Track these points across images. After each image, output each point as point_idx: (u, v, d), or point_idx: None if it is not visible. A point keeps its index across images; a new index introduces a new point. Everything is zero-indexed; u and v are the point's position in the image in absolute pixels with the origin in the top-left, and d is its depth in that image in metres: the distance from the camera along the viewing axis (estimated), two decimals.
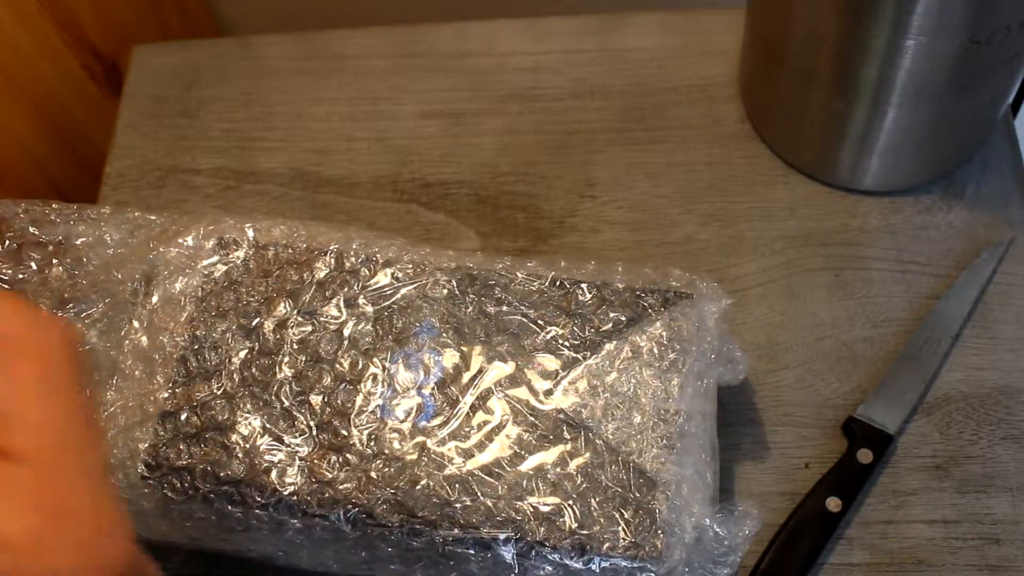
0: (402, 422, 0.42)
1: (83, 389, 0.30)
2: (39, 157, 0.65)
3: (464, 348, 0.44)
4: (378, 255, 0.46)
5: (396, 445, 0.42)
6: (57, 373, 0.30)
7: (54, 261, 0.46)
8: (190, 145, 0.62)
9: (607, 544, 0.40)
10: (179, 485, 0.42)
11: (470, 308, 0.45)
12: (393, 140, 0.61)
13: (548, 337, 0.44)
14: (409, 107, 0.62)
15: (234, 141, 0.62)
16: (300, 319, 0.45)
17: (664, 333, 0.44)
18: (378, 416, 0.42)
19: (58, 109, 0.67)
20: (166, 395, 0.43)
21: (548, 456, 0.41)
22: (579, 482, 0.41)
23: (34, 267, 0.46)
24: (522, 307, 0.45)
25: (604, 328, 0.44)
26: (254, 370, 0.44)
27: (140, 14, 0.74)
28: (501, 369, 0.43)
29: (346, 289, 0.45)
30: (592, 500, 0.40)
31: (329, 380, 0.43)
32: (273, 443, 0.42)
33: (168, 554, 0.47)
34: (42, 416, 0.29)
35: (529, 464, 0.41)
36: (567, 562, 0.40)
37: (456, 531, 0.40)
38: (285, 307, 0.45)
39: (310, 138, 0.62)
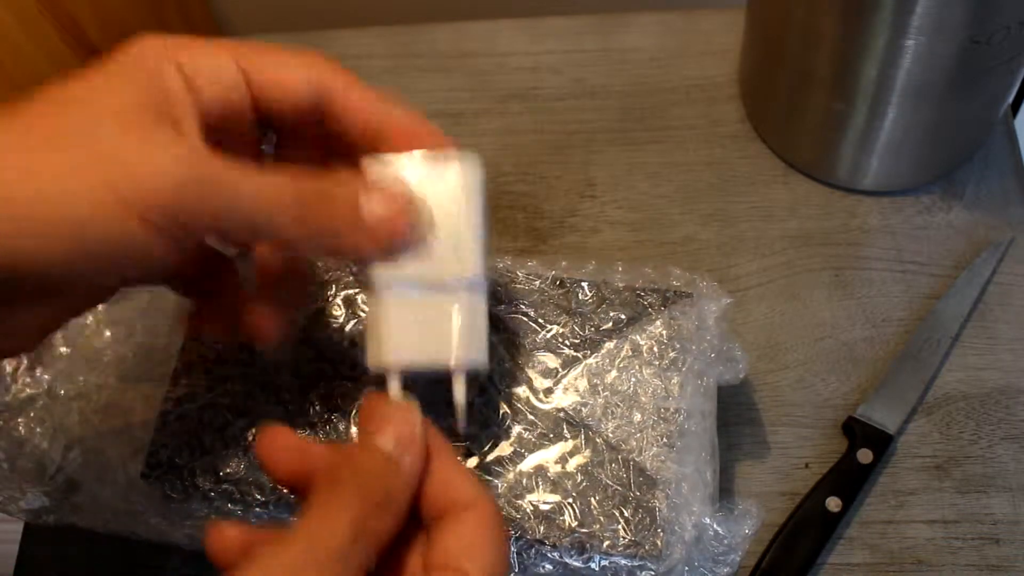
0: None
1: None
2: None
3: None
4: None
5: None
6: None
7: None
8: None
9: (607, 542, 0.40)
10: (179, 484, 0.42)
11: None
12: None
13: (548, 336, 0.44)
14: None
15: None
16: (301, 319, 0.45)
17: (664, 332, 0.44)
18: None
19: None
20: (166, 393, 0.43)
21: (548, 454, 0.41)
22: (579, 480, 0.41)
23: None
24: (522, 305, 0.45)
25: (604, 327, 0.44)
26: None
27: (140, 14, 0.74)
28: (501, 367, 0.43)
29: (347, 289, 0.45)
30: (592, 498, 0.40)
31: (330, 378, 0.43)
32: None
33: (168, 554, 0.47)
34: None
35: (529, 462, 0.41)
36: (567, 560, 0.40)
37: None
38: None
39: None
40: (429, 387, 0.36)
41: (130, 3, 0.73)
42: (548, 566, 0.40)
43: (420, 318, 0.35)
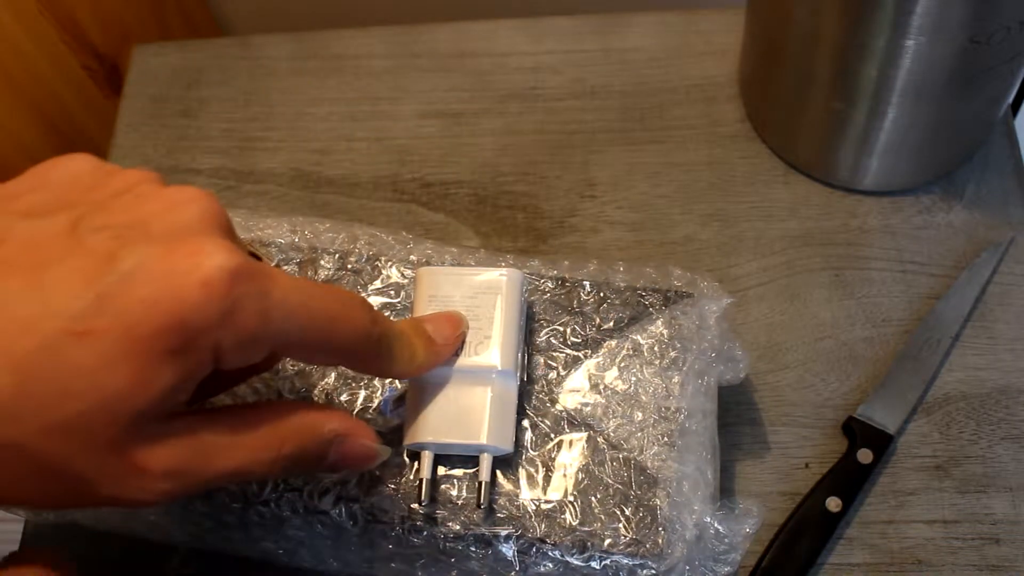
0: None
1: None
2: (39, 157, 0.64)
3: None
4: (381, 253, 0.46)
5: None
6: None
7: None
8: (190, 145, 0.62)
9: (608, 541, 0.40)
10: None
11: None
12: (393, 140, 0.61)
13: (549, 335, 0.44)
14: (409, 107, 0.62)
15: (234, 141, 0.62)
16: None
17: (665, 331, 0.44)
18: (381, 413, 0.42)
19: (58, 109, 0.67)
20: None
21: (549, 453, 0.41)
22: (580, 479, 0.41)
23: None
24: None
25: (605, 326, 0.44)
26: None
27: (140, 14, 0.74)
28: None
29: (349, 289, 0.45)
30: (593, 497, 0.40)
31: (332, 378, 0.43)
32: None
33: (168, 554, 0.47)
34: None
35: (529, 461, 0.41)
36: (568, 559, 0.40)
37: (457, 528, 0.40)
38: None
39: (310, 138, 0.62)
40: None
41: (130, 3, 0.73)
42: (549, 565, 0.40)
43: (455, 403, 0.39)
